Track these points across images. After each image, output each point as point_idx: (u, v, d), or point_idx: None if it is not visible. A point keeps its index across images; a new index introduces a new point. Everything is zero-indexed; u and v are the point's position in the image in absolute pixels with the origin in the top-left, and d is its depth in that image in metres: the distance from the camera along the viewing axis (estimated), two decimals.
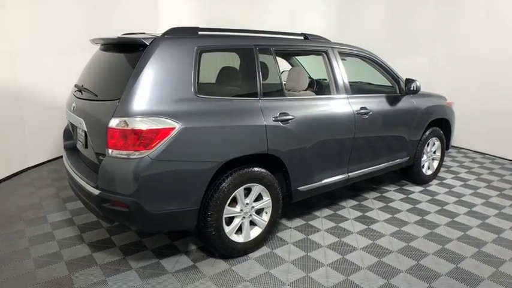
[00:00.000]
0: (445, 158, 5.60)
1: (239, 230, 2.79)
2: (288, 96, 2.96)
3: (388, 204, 3.86)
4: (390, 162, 3.87)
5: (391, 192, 4.21)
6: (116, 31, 3.38)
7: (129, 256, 2.81)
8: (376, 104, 3.58)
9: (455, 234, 3.22)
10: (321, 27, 7.30)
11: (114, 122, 2.24)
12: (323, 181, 3.24)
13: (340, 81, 3.33)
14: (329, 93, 3.36)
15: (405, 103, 3.88)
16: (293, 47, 3.24)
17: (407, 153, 4.04)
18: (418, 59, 6.52)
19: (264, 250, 2.92)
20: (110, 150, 2.28)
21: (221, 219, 2.61)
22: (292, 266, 2.71)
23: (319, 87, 4.75)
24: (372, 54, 3.78)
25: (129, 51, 2.53)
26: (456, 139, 6.27)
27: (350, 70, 4.32)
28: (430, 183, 4.52)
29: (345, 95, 3.33)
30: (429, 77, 6.41)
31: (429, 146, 4.38)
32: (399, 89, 3.91)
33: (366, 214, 3.61)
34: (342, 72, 3.36)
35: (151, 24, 6.34)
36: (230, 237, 2.70)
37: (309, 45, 3.24)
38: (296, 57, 4.70)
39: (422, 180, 4.41)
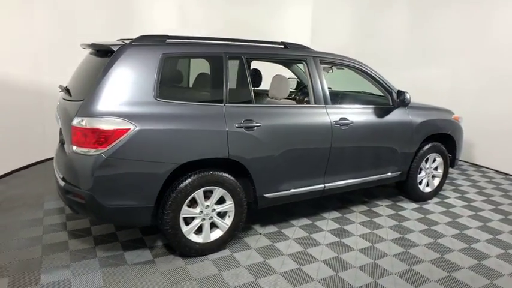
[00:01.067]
0: (458, 176, 5.28)
1: (200, 230, 2.89)
2: (258, 104, 3.02)
3: (373, 219, 3.74)
4: (377, 176, 3.76)
5: (382, 207, 4.07)
6: (135, 33, 3.61)
7: (99, 246, 3.02)
8: (359, 115, 3.51)
9: (431, 256, 3.06)
10: (341, 36, 7.21)
11: (76, 121, 2.45)
12: (293, 190, 3.24)
13: (318, 91, 3.31)
14: (308, 102, 3.36)
15: (396, 115, 3.75)
16: (267, 55, 3.28)
17: (399, 168, 3.89)
18: (440, 71, 6.20)
19: (224, 253, 2.99)
20: (73, 147, 2.50)
21: (178, 218, 2.72)
22: (244, 270, 2.75)
23: None
24: (362, 64, 3.70)
25: (102, 57, 2.74)
26: (477, 157, 5.88)
27: (352, 80, 4.28)
28: (429, 201, 4.29)
29: (322, 105, 3.31)
30: (451, 91, 6.10)
31: (428, 162, 4.18)
32: (392, 100, 3.79)
33: (344, 227, 3.54)
34: (322, 82, 3.34)
35: (173, 26, 6.62)
36: (188, 237, 2.81)
37: (285, 53, 3.27)
38: (297, 66, 4.70)
39: (419, 197, 4.21)
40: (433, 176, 4.32)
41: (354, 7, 7.21)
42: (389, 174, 3.85)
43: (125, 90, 2.52)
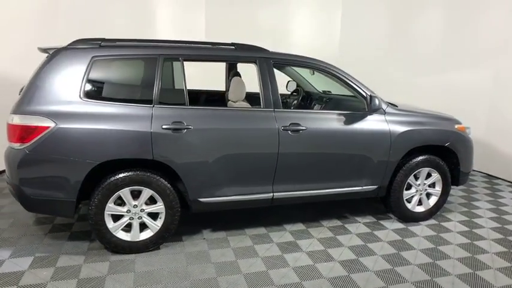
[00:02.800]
0: (484, 196, 4.50)
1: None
2: (192, 106, 2.96)
3: (337, 236, 3.39)
4: (343, 189, 3.39)
5: (358, 224, 3.66)
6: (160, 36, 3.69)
7: (51, 233, 3.26)
8: (318, 121, 3.22)
9: (374, 285, 2.67)
10: (373, 37, 6.65)
11: (9, 118, 2.70)
12: (235, 197, 3.10)
13: (268, 94, 3.12)
14: (259, 106, 3.18)
15: (369, 123, 3.34)
16: (210, 57, 3.18)
17: (374, 182, 3.46)
18: (480, 73, 5.34)
19: (154, 253, 2.99)
20: (9, 142, 2.76)
21: (102, 214, 2.81)
22: (158, 273, 2.72)
23: (309, 100, 4.47)
24: (331, 66, 3.37)
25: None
26: None
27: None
28: (421, 222, 3.73)
29: (271, 109, 3.11)
30: (493, 95, 5.22)
31: (420, 177, 3.63)
32: (367, 106, 3.39)
33: (298, 241, 3.28)
34: (273, 84, 3.14)
35: (198, 30, 6.81)
36: (114, 234, 2.89)
37: (231, 54, 3.15)
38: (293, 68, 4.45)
39: (406, 216, 3.69)
40: (428, 194, 3.75)
41: (386, 8, 6.58)
42: (361, 188, 3.44)
43: (52, 90, 2.70)
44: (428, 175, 3.68)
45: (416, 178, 3.65)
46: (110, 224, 2.87)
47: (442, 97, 5.76)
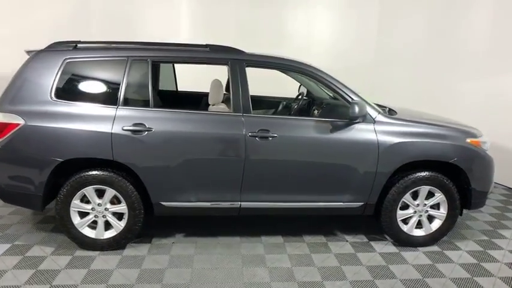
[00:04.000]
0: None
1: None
2: (155, 108, 2.93)
3: (312, 254, 3.11)
4: (320, 204, 3.10)
5: (344, 243, 3.32)
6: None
7: (37, 224, 3.49)
8: (291, 128, 2.98)
9: None
10: (411, 36, 6.03)
11: None
12: (199, 203, 3.00)
13: (237, 97, 2.97)
14: (232, 109, 3.04)
15: (352, 132, 3.00)
16: (180, 58, 3.11)
17: (358, 198, 3.10)
18: None
19: (117, 252, 3.02)
20: None
21: (67, 210, 2.92)
22: (108, 273, 2.74)
23: (312, 105, 4.18)
24: (310, 67, 3.09)
25: None
26: None
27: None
28: (421, 248, 3.25)
29: (239, 113, 2.95)
30: None
31: (419, 196, 3.17)
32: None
33: (266, 255, 3.07)
34: (244, 87, 2.98)
35: (230, 34, 6.80)
36: (79, 230, 2.98)
37: (201, 56, 3.06)
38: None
39: (402, 240, 3.25)
40: (431, 217, 3.25)
41: (427, 9, 5.90)
42: (342, 203, 3.10)
43: (27, 90, 2.87)
44: (432, 195, 3.20)
45: (415, 197, 3.20)
46: (76, 220, 2.97)
47: (487, 105, 5.02)
